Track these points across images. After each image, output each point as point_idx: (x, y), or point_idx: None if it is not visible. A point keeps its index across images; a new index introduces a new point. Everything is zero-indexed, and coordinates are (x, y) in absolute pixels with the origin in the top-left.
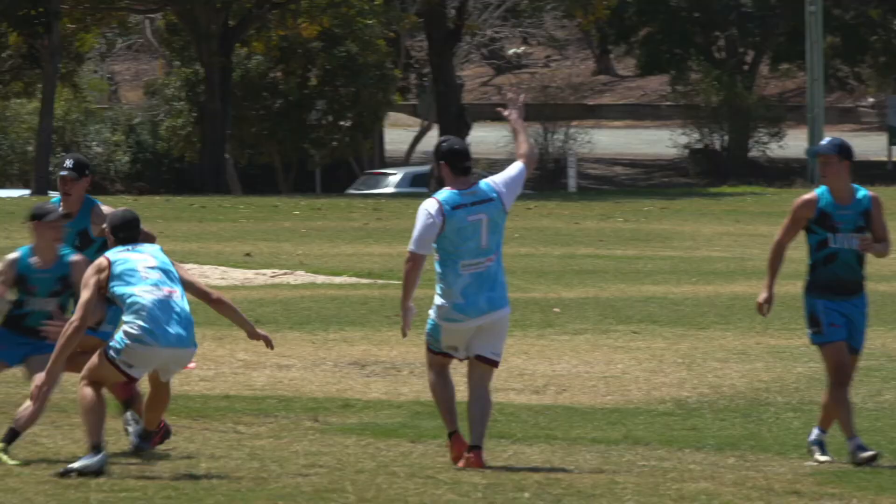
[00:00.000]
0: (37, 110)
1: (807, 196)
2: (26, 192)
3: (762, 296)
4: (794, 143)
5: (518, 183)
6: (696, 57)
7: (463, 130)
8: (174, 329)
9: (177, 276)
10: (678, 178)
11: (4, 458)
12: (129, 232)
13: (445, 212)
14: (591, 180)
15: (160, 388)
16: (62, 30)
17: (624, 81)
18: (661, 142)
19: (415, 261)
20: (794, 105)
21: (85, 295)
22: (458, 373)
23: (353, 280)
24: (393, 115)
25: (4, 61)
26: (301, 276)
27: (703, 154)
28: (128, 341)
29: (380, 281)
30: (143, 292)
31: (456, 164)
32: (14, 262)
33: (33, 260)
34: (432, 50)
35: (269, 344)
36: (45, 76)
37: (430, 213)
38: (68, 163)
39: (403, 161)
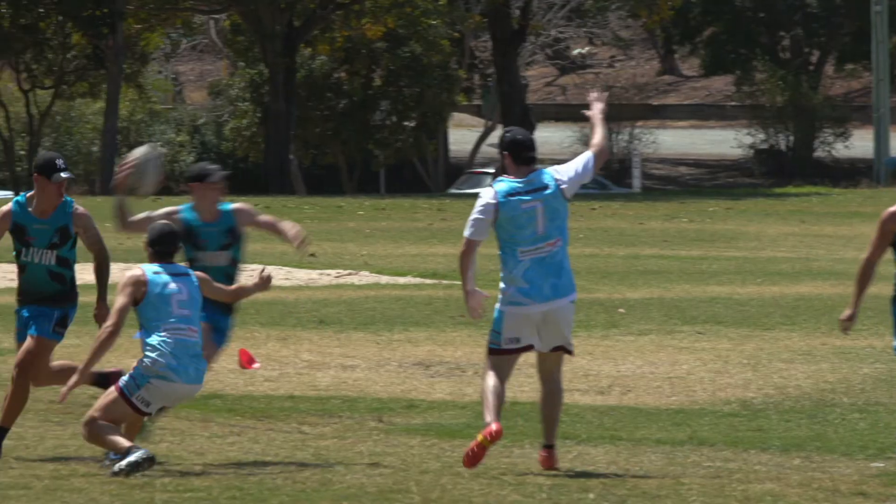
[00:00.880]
0: (101, 111)
1: (892, 209)
2: (9, 193)
3: (846, 313)
4: (859, 144)
5: (583, 173)
6: (761, 57)
7: (527, 131)
8: (192, 367)
9: (199, 309)
10: (743, 178)
11: None
12: (164, 246)
13: (499, 200)
14: (655, 181)
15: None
16: (127, 30)
17: (689, 81)
18: (725, 142)
19: (468, 245)
20: (859, 105)
21: (120, 301)
22: (524, 373)
23: (418, 280)
24: (457, 116)
25: (69, 62)
26: (365, 277)
27: (768, 154)
28: (150, 378)
29: (444, 281)
30: (170, 328)
31: (518, 154)
32: (179, 219)
33: (197, 216)
34: (497, 50)
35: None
36: (110, 77)
37: (484, 201)
38: (62, 163)
39: (467, 162)
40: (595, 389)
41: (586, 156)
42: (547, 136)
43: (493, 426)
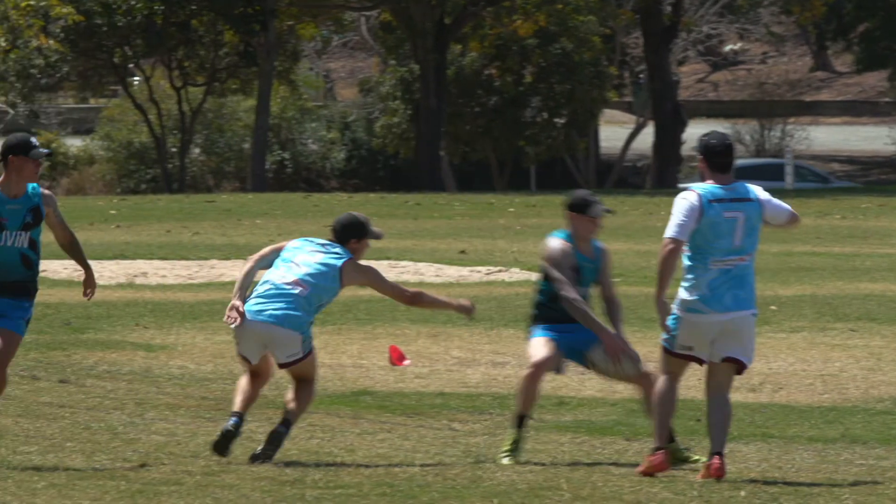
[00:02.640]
0: (253, 108)
1: None
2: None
3: None
4: None
5: (779, 211)
6: None
7: (678, 127)
8: (269, 306)
9: (316, 281)
10: None
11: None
12: (344, 233)
13: (703, 204)
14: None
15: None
16: (278, 27)
17: (841, 77)
18: (879, 138)
19: (674, 245)
20: None
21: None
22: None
23: None
24: (608, 113)
25: (221, 59)
26: (516, 274)
27: None
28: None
29: None
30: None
31: (712, 160)
32: (568, 252)
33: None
34: (648, 46)
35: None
36: (262, 74)
37: (688, 203)
38: (36, 140)
39: (618, 160)
40: (746, 387)
41: (788, 208)
42: (699, 132)
43: (660, 466)
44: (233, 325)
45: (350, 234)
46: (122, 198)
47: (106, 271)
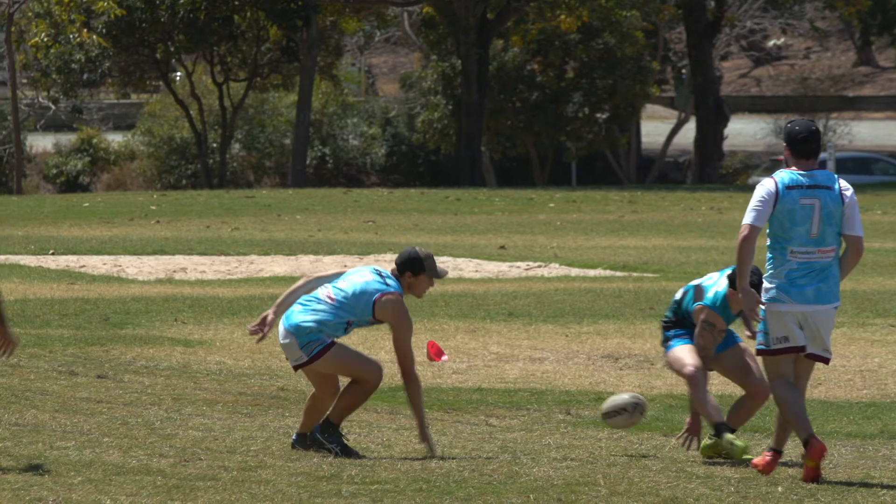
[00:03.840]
0: (294, 104)
1: None
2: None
3: None
4: None
5: (853, 223)
6: None
7: (721, 122)
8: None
9: (348, 300)
10: None
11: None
12: (402, 266)
13: (780, 190)
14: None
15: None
16: (321, 23)
17: (885, 72)
18: None
19: (750, 231)
20: None
21: None
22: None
23: (608, 273)
24: (649, 108)
25: (263, 55)
26: (555, 269)
27: None
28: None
29: (634, 274)
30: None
31: (795, 147)
32: None
33: None
34: (691, 41)
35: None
36: (303, 69)
37: (765, 189)
38: None
39: (660, 155)
40: None
41: (861, 227)
42: (740, 127)
43: (820, 451)
44: (255, 338)
45: (405, 267)
46: (162, 193)
47: (145, 266)
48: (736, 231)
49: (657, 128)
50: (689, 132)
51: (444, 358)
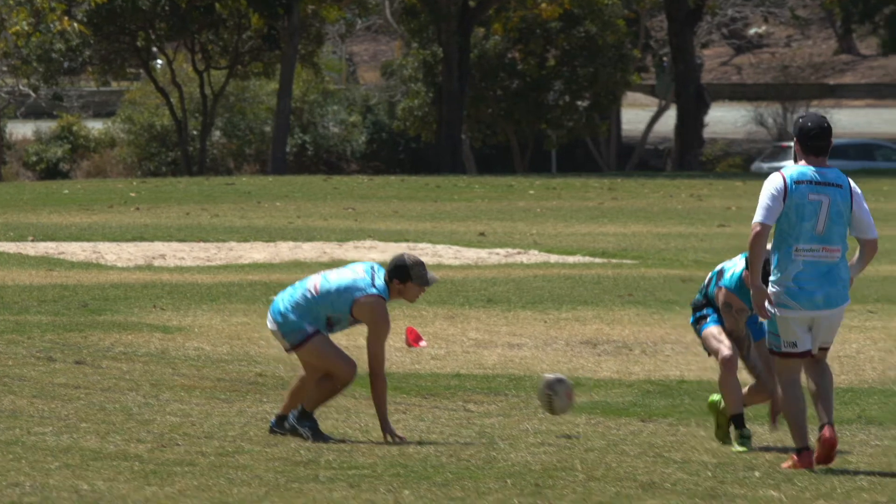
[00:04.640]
0: (275, 91)
1: None
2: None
3: None
4: None
5: (864, 221)
6: None
7: (701, 110)
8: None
9: (332, 292)
10: None
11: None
12: (390, 273)
13: (788, 185)
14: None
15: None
16: (302, 11)
17: (866, 60)
18: None
19: (760, 229)
20: None
21: None
22: (691, 351)
23: (587, 259)
24: (630, 95)
25: (244, 42)
26: (534, 256)
27: None
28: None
29: (613, 260)
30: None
31: (805, 143)
32: None
33: None
34: (672, 29)
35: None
36: (284, 57)
37: (774, 185)
38: None
39: (640, 142)
40: None
41: (873, 223)
42: (721, 115)
43: (808, 464)
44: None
45: (393, 274)
46: (142, 180)
47: (124, 253)
48: (715, 217)
49: (637, 115)
50: (669, 120)
51: (423, 344)
